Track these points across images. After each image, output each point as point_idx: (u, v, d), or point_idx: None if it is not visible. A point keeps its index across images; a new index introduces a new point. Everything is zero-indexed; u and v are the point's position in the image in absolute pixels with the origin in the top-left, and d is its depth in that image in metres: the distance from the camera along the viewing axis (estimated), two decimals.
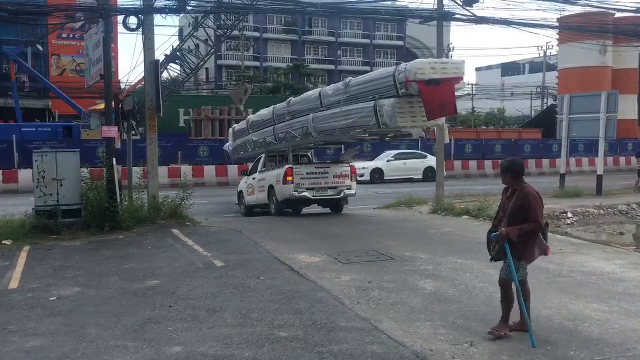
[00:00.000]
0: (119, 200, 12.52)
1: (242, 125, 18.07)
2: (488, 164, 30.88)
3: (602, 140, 18.25)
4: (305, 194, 13.73)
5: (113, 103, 13.63)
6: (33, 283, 8.08)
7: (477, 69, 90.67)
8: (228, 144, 18.93)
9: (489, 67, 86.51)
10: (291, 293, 7.37)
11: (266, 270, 8.62)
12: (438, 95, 10.43)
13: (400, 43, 65.02)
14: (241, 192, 16.65)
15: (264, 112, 16.45)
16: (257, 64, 58.30)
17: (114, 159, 12.78)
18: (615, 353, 5.31)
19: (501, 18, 16.67)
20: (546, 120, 41.16)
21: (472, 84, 69.00)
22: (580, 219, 13.64)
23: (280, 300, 7.05)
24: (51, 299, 7.29)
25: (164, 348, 5.52)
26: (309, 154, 16.21)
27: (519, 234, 5.46)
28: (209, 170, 25.70)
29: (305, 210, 15.38)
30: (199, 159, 27.31)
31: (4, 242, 10.95)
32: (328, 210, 15.20)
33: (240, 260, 9.41)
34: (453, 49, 59.43)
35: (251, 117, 17.57)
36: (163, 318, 6.42)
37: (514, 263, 5.57)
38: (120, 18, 14.08)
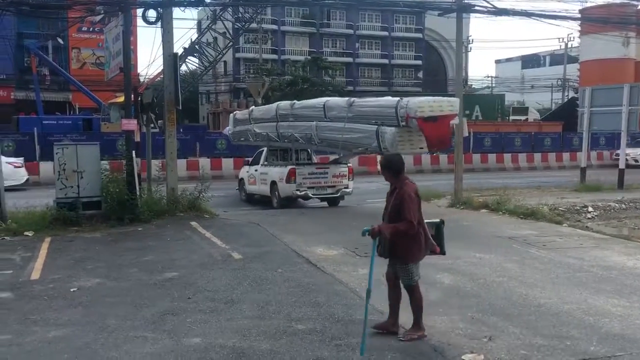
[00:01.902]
0: (138, 192, 12.63)
1: (244, 114, 18.54)
2: (507, 157, 30.61)
3: (624, 133, 17.98)
4: (307, 192, 14.58)
5: (132, 96, 13.72)
6: (54, 274, 8.19)
7: (497, 61, 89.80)
8: (228, 127, 19.36)
9: (509, 59, 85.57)
10: (309, 286, 7.39)
11: (284, 263, 8.65)
12: (435, 130, 11.67)
13: (419, 35, 64.50)
14: (242, 179, 17.56)
15: (267, 108, 17.17)
16: (274, 56, 58.17)
17: (133, 152, 12.89)
18: (636, 349, 5.25)
19: (521, 9, 16.50)
20: (567, 113, 40.64)
21: (492, 77, 68.38)
22: (601, 213, 13.45)
23: (297, 293, 7.07)
24: (72, 289, 7.38)
25: (183, 339, 5.57)
26: (308, 149, 16.71)
27: (393, 232, 5.24)
28: (227, 162, 25.78)
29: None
30: (217, 152, 27.43)
31: (25, 233, 11.11)
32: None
33: (257, 252, 9.45)
34: (472, 41, 59.04)
35: (254, 109, 18.10)
36: (182, 309, 6.48)
37: (402, 268, 5.46)
38: (140, 11, 14.17)
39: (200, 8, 20.39)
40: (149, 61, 62.25)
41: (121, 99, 23.01)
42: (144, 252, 9.57)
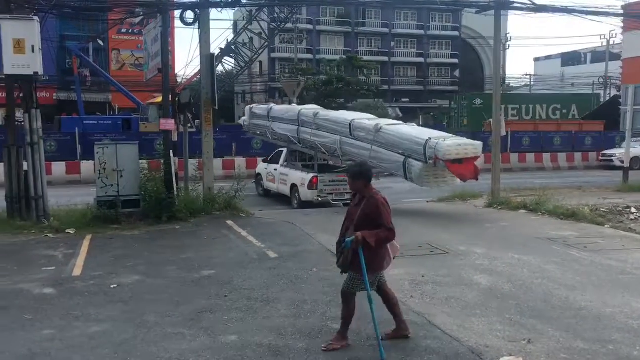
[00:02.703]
0: (175, 191, 12.81)
1: (262, 109, 18.82)
2: (546, 156, 29.98)
3: None
4: (327, 198, 15.12)
5: (170, 96, 13.92)
6: (95, 271, 8.38)
7: (536, 59, 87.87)
8: (243, 118, 19.72)
9: (548, 57, 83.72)
10: None
11: (319, 262, 8.65)
12: (462, 169, 12.71)
13: (456, 33, 63.80)
14: (259, 174, 18.36)
15: (288, 109, 17.65)
16: (310, 56, 58.33)
17: (171, 151, 13.08)
18: None
19: (562, 6, 16.13)
20: (609, 112, 39.60)
21: (530, 75, 67.14)
22: None
23: (332, 292, 7.04)
24: (112, 286, 7.54)
25: (220, 337, 5.63)
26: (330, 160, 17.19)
27: (376, 239, 5.02)
28: None
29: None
30: (252, 151, 27.57)
31: (67, 230, 11.39)
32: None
33: (293, 251, 9.49)
34: (510, 38, 58.09)
35: (273, 108, 18.41)
36: (218, 307, 6.55)
37: (358, 272, 5.12)
38: (177, 12, 14.36)
39: (236, 9, 20.58)
40: (186, 62, 63.01)
41: (159, 99, 23.35)
42: (182, 250, 9.71)
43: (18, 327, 6.02)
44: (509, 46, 57.28)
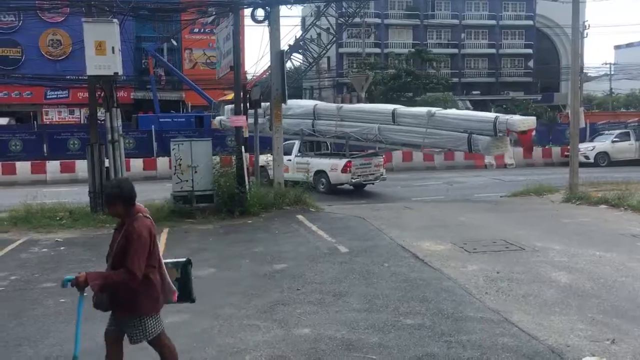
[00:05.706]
0: (247, 186, 13.06)
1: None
2: None
3: None
4: (357, 180, 16.94)
5: (241, 93, 14.18)
6: None
7: (616, 47, 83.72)
8: (221, 118, 19.74)
9: (629, 45, 79.56)
10: (416, 281, 7.31)
11: (390, 257, 8.60)
12: (527, 138, 15.62)
13: (530, 22, 61.50)
14: (263, 166, 18.40)
15: (292, 105, 18.45)
16: (378, 50, 57.76)
17: (243, 147, 13.33)
18: None
19: None
20: None
21: (610, 64, 63.96)
22: None
23: (404, 288, 7.01)
24: None
25: (293, 329, 5.70)
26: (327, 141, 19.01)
27: (103, 284, 3.87)
28: None
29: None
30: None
31: None
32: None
33: (363, 246, 9.47)
34: (589, 26, 55.38)
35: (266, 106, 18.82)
36: (291, 300, 6.63)
37: (133, 323, 4.07)
38: (248, 11, 14.63)
39: (305, 5, 20.70)
40: (255, 59, 64.04)
41: (230, 96, 23.86)
42: (254, 244, 9.90)
43: (104, 317, 6.29)
44: (587, 34, 54.61)
